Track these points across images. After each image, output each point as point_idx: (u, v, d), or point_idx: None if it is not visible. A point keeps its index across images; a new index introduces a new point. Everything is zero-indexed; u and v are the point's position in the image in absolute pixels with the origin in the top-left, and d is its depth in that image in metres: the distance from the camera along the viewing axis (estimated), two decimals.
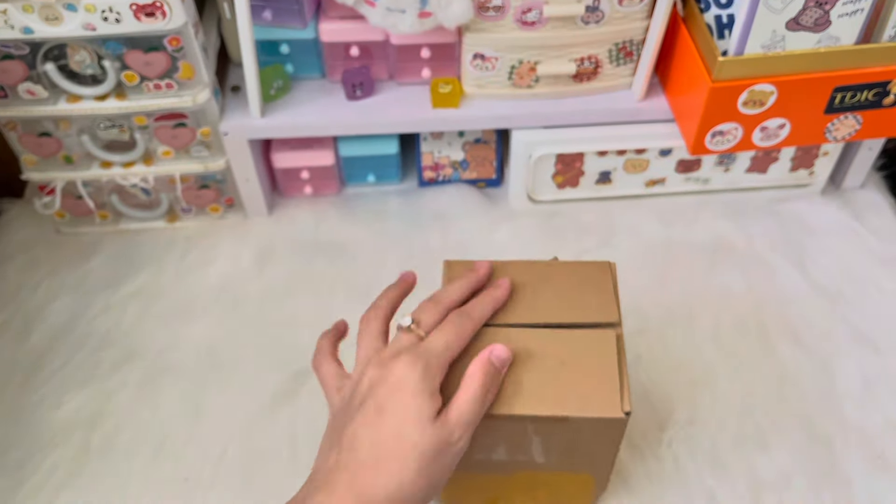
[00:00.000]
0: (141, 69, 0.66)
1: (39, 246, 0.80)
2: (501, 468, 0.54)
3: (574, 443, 0.51)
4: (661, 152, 0.79)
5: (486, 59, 0.71)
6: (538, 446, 0.52)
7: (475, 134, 0.81)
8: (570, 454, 0.52)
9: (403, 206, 0.83)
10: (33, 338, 0.72)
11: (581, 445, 0.51)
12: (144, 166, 0.75)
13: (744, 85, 0.66)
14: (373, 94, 0.76)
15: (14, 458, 0.65)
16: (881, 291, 0.76)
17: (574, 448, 0.52)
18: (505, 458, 0.53)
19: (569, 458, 0.53)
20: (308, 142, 0.79)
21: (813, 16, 0.62)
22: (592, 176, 0.81)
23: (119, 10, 0.61)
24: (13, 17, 0.61)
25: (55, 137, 0.72)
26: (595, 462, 0.54)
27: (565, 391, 0.49)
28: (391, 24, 0.66)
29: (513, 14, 0.67)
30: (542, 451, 0.52)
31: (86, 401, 0.68)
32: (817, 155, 0.81)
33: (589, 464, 0.54)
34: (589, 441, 0.51)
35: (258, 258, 0.78)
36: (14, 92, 0.67)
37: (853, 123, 0.70)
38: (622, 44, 0.71)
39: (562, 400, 0.48)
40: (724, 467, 0.64)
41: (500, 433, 0.50)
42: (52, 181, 0.75)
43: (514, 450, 0.52)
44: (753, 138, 0.71)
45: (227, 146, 0.74)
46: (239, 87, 0.76)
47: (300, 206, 0.83)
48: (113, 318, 0.74)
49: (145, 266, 0.78)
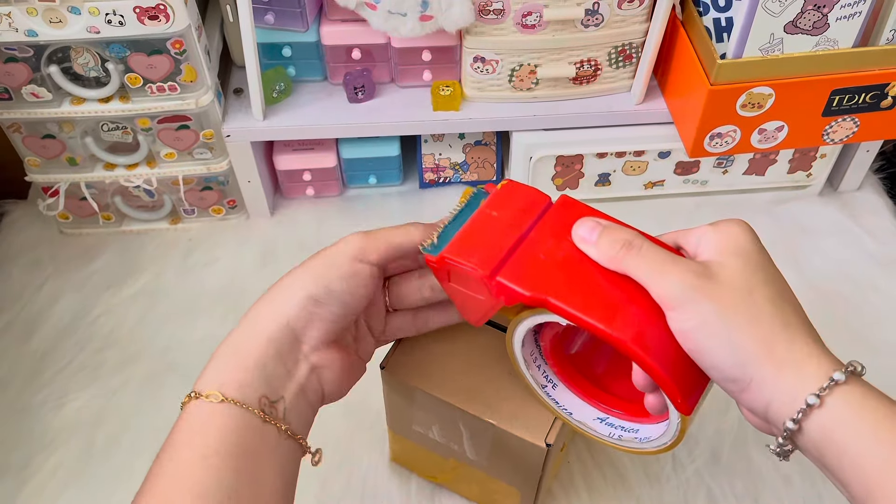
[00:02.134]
0: (144, 72, 0.67)
1: (43, 247, 0.80)
2: (438, 448, 0.56)
3: (500, 451, 0.52)
4: (659, 154, 0.79)
5: (487, 62, 0.72)
6: (468, 442, 0.53)
7: (475, 136, 0.81)
8: (497, 461, 0.54)
9: (404, 208, 0.83)
10: (37, 338, 0.73)
11: (506, 457, 0.52)
12: (148, 168, 0.75)
13: (742, 88, 0.66)
14: (374, 96, 0.76)
15: (17, 457, 0.65)
16: (878, 292, 0.76)
17: (500, 456, 0.53)
18: (440, 440, 0.55)
19: (496, 464, 0.54)
20: (310, 144, 0.80)
21: (811, 19, 0.63)
22: (592, 178, 0.81)
23: (122, 13, 0.62)
24: (17, 19, 0.62)
25: (59, 139, 0.72)
26: (520, 478, 0.54)
27: (503, 401, 0.50)
28: (392, 27, 0.67)
29: (513, 17, 0.68)
30: (473, 448, 0.54)
31: (89, 401, 0.68)
32: (815, 157, 0.82)
33: (514, 478, 0.54)
34: (513, 456, 0.51)
35: (260, 259, 0.79)
36: (18, 94, 0.68)
37: (850, 126, 0.71)
38: (621, 47, 0.72)
39: (496, 407, 0.49)
40: (724, 467, 0.64)
41: (435, 414, 0.52)
42: (56, 183, 0.76)
43: (448, 436, 0.54)
44: (752, 140, 0.71)
45: (229, 148, 0.75)
46: (241, 90, 0.76)
47: (302, 208, 0.83)
48: (116, 318, 0.74)
49: (148, 267, 0.78)
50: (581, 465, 0.64)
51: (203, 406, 0.39)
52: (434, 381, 0.51)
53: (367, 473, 0.63)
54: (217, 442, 0.38)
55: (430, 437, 0.55)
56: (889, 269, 0.78)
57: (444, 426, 0.53)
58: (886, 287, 0.77)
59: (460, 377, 0.51)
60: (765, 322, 0.38)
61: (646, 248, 0.41)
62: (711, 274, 0.39)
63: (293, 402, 0.41)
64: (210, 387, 0.39)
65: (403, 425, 0.57)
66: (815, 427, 0.37)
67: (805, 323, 0.39)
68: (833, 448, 0.36)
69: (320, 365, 0.43)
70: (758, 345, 0.38)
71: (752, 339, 0.38)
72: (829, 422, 0.36)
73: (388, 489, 0.62)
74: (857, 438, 0.36)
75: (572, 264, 0.42)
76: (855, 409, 0.36)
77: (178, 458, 0.38)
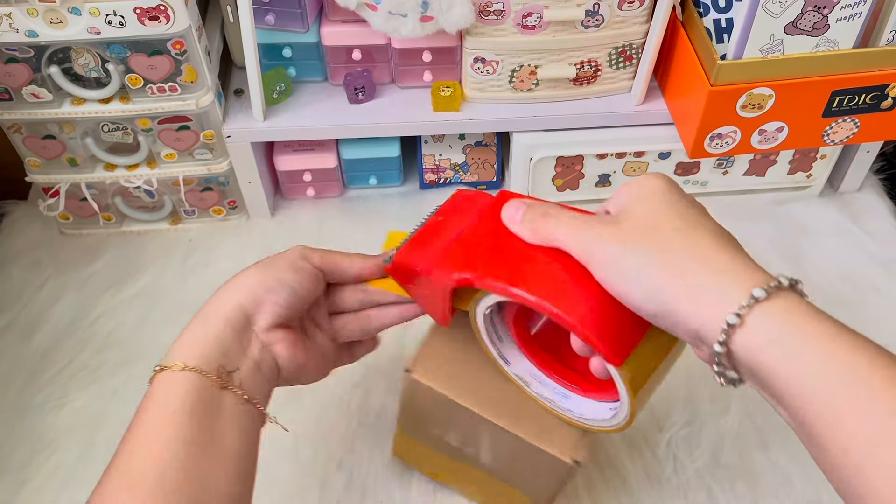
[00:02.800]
0: (144, 72, 0.67)
1: (43, 247, 0.80)
2: (450, 452, 0.56)
3: (521, 462, 0.52)
4: (660, 155, 0.79)
5: (487, 62, 0.72)
6: (487, 450, 0.53)
7: (476, 137, 0.81)
8: (516, 470, 0.54)
9: (405, 208, 0.83)
10: (37, 338, 0.73)
11: (526, 468, 0.52)
12: (148, 169, 0.75)
13: (742, 88, 0.66)
14: (374, 97, 0.76)
15: (17, 457, 0.65)
16: (878, 293, 0.76)
17: (520, 466, 0.53)
18: (455, 444, 0.55)
19: (513, 473, 0.54)
20: (310, 144, 0.80)
21: (811, 20, 0.63)
22: (592, 178, 0.81)
23: (123, 13, 0.62)
24: (18, 20, 0.62)
25: (59, 140, 0.72)
26: (536, 489, 0.54)
27: (532, 413, 0.50)
28: (393, 28, 0.67)
29: (513, 18, 0.68)
30: (491, 455, 0.53)
31: (89, 401, 0.68)
32: (815, 158, 0.82)
33: (529, 487, 0.54)
34: (534, 468, 0.51)
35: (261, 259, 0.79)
36: (19, 95, 0.68)
37: (851, 127, 0.71)
38: (622, 48, 0.72)
39: (524, 419, 0.50)
40: (724, 467, 0.64)
41: (457, 421, 0.52)
42: (57, 183, 0.76)
43: (466, 442, 0.54)
44: (752, 141, 0.71)
45: (230, 149, 0.75)
46: (242, 91, 0.76)
47: (302, 208, 0.84)
48: (116, 318, 0.74)
49: (149, 267, 0.78)
50: (581, 466, 0.64)
51: (168, 375, 0.44)
52: (462, 389, 0.50)
53: (367, 472, 0.63)
54: (180, 401, 0.42)
55: (444, 441, 0.55)
56: (889, 269, 0.78)
57: (464, 433, 0.53)
58: (887, 288, 0.77)
59: (487, 385, 0.51)
60: (673, 251, 0.38)
61: (562, 214, 0.43)
62: (618, 220, 0.40)
63: (248, 374, 0.46)
64: (174, 360, 0.44)
65: (418, 428, 0.56)
66: (741, 349, 0.35)
67: (726, 245, 0.38)
68: (763, 370, 0.35)
69: (270, 342, 0.47)
70: (669, 274, 0.37)
71: (661, 270, 0.37)
72: (752, 342, 0.35)
73: (388, 489, 0.62)
74: (784, 358, 0.34)
75: (501, 245, 0.45)
76: (778, 326, 0.34)
77: (147, 417, 0.42)
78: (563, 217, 0.43)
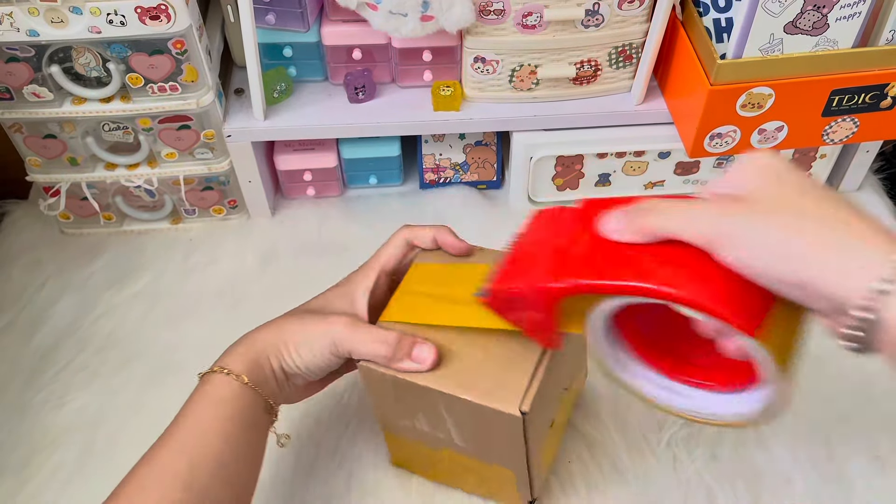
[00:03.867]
0: (145, 72, 0.67)
1: (44, 247, 0.80)
2: (428, 440, 0.56)
3: (482, 431, 0.52)
4: (659, 154, 0.79)
5: (487, 62, 0.72)
6: (453, 427, 0.54)
7: (476, 136, 0.81)
8: (483, 443, 0.54)
9: (405, 208, 0.84)
10: (37, 338, 0.73)
11: (489, 436, 0.53)
12: (149, 168, 0.75)
13: (742, 88, 0.66)
14: (375, 96, 0.76)
15: (18, 457, 0.65)
16: None
17: (484, 437, 0.53)
18: (427, 429, 0.55)
19: (483, 446, 0.54)
20: (310, 144, 0.80)
21: (811, 19, 0.63)
22: (592, 178, 0.81)
23: (124, 13, 0.62)
24: (19, 19, 0.62)
25: (60, 139, 0.72)
26: (508, 457, 0.54)
27: (476, 378, 0.50)
28: (393, 27, 0.67)
29: (513, 18, 0.68)
30: (459, 434, 0.54)
31: (89, 400, 0.68)
32: (815, 157, 0.82)
33: (502, 458, 0.55)
34: (495, 433, 0.52)
35: (261, 259, 0.79)
36: (19, 94, 0.68)
37: (850, 126, 0.71)
38: (621, 47, 0.72)
39: (468, 384, 0.50)
40: (723, 467, 0.64)
41: (415, 402, 0.53)
42: (57, 183, 0.76)
43: (433, 424, 0.54)
44: (752, 141, 0.71)
45: (230, 148, 0.75)
46: (242, 90, 0.76)
47: (303, 208, 0.84)
48: (117, 318, 0.74)
49: (149, 267, 0.78)
50: (581, 465, 0.64)
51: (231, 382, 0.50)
52: None
53: (367, 473, 0.63)
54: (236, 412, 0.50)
55: (417, 428, 0.56)
56: None
57: (426, 413, 0.54)
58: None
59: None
60: (818, 220, 0.37)
61: (664, 205, 0.41)
62: (746, 198, 0.39)
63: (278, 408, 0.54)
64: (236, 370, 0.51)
65: (391, 421, 0.57)
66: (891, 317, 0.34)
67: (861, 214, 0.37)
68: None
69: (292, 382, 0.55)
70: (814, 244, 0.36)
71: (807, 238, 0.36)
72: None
73: (388, 488, 0.62)
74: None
75: (604, 249, 0.43)
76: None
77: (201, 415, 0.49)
78: (669, 207, 0.41)
